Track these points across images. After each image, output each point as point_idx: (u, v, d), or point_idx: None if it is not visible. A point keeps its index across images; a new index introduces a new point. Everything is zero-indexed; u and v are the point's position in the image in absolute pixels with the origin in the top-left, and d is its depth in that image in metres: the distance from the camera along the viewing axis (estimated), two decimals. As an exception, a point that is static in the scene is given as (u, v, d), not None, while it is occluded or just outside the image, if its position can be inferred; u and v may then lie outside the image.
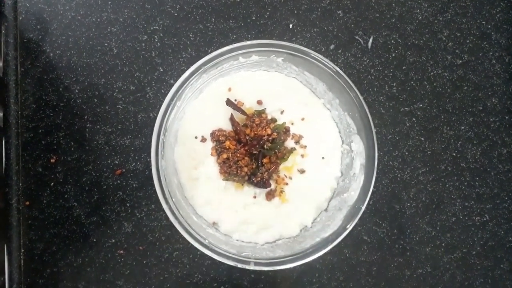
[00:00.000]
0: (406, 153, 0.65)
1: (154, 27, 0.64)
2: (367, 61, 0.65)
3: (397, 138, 0.65)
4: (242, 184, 0.58)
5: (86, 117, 0.62)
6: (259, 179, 0.57)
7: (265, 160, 0.58)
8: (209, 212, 0.58)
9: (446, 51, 0.66)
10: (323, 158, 0.60)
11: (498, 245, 0.65)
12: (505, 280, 0.64)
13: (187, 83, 0.53)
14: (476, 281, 0.64)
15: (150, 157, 0.55)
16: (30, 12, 0.63)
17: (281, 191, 0.58)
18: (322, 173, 0.60)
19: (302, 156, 0.59)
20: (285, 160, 0.59)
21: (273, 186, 0.58)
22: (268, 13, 0.65)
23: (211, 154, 0.58)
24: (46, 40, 0.63)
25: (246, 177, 0.57)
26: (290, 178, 0.59)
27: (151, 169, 0.52)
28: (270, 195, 0.58)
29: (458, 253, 0.64)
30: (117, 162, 0.62)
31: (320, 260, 0.62)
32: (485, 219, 0.65)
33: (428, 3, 0.66)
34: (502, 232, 0.65)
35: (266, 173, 0.57)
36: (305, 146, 0.59)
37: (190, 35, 0.64)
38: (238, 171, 0.57)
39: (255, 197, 0.58)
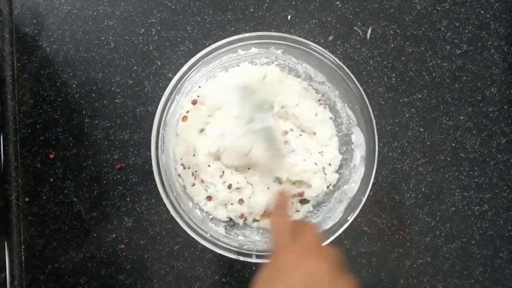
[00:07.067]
0: (406, 144, 0.65)
1: (151, 20, 0.63)
2: (366, 52, 0.65)
3: (397, 129, 0.65)
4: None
5: (84, 112, 0.62)
6: None
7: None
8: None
9: (445, 41, 0.66)
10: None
11: (497, 234, 0.65)
12: (504, 268, 0.65)
13: (185, 76, 0.53)
14: (475, 270, 0.65)
15: (149, 151, 0.55)
16: (26, 6, 0.62)
17: None
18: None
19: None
20: None
21: None
22: (266, 5, 0.64)
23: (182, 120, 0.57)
24: (42, 34, 0.62)
25: None
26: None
27: (150, 164, 0.52)
28: None
29: (457, 242, 0.65)
30: (116, 157, 0.62)
31: (321, 252, 0.62)
32: (484, 209, 0.65)
33: (427, -7, 0.66)
34: (501, 221, 0.65)
35: None
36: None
37: (188, 27, 0.63)
38: None
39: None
